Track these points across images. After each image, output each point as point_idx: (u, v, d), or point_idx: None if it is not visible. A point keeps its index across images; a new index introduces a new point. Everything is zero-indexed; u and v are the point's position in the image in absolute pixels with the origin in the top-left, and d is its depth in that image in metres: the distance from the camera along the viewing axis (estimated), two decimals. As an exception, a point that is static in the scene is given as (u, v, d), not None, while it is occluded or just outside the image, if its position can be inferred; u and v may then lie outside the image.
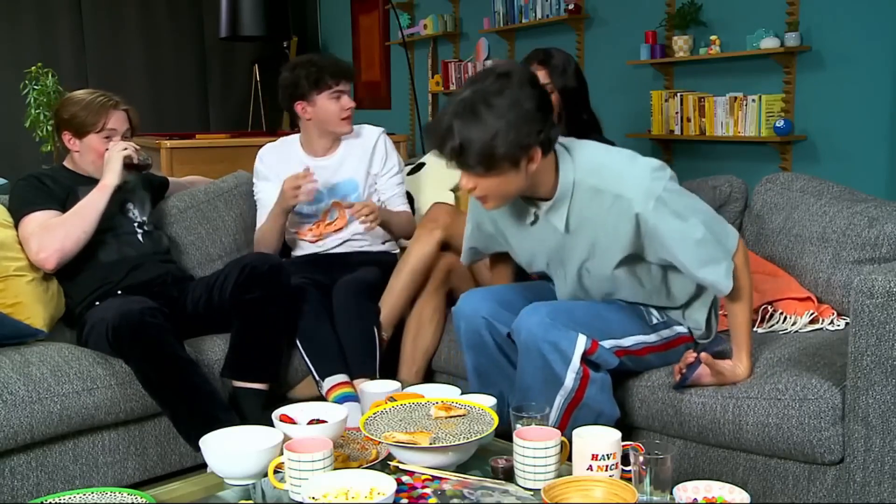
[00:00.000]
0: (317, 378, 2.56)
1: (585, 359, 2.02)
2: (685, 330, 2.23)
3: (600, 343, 2.04)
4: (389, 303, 2.73)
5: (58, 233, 2.48)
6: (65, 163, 2.72)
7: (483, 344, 2.21)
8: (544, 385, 2.05)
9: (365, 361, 2.56)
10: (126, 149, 2.61)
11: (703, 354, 2.07)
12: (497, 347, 2.21)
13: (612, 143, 2.47)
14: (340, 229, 2.93)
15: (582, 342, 2.01)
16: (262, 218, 2.94)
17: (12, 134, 5.87)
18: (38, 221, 2.51)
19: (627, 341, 2.12)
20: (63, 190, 2.60)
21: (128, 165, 2.60)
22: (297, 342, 2.60)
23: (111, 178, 2.57)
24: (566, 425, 2.03)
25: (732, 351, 2.12)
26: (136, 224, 2.69)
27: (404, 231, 2.98)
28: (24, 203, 2.56)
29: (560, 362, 2.01)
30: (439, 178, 3.35)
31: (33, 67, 4.86)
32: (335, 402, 2.43)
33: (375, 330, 2.64)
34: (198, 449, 2.31)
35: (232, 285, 2.46)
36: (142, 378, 2.31)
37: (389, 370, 2.69)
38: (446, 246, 2.76)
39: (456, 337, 2.26)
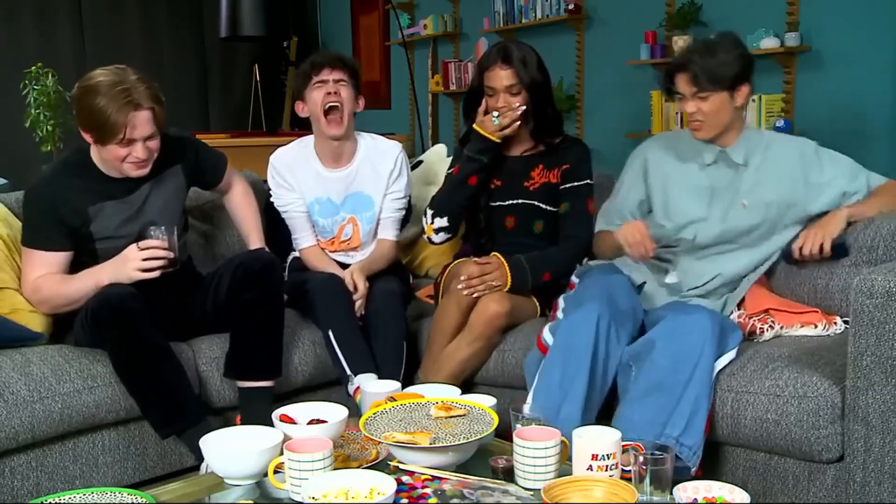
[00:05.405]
0: (349, 373, 2.55)
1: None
2: None
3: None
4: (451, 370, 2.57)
5: (43, 301, 2.36)
6: (91, 153, 2.41)
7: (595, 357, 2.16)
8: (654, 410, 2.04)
9: (392, 368, 2.57)
10: (148, 259, 2.27)
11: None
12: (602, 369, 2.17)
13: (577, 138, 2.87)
14: (356, 248, 2.91)
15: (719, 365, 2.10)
16: (297, 231, 2.88)
17: (12, 134, 5.87)
18: (34, 273, 2.36)
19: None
20: (77, 217, 2.36)
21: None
22: (332, 339, 2.59)
23: (107, 279, 2.30)
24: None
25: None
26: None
27: (383, 265, 2.88)
28: (29, 230, 2.39)
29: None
30: (435, 172, 3.40)
31: (33, 67, 4.86)
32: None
33: (404, 339, 2.65)
34: (166, 436, 2.32)
35: (227, 286, 2.42)
36: (116, 363, 2.27)
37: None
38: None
39: (560, 351, 2.18)
